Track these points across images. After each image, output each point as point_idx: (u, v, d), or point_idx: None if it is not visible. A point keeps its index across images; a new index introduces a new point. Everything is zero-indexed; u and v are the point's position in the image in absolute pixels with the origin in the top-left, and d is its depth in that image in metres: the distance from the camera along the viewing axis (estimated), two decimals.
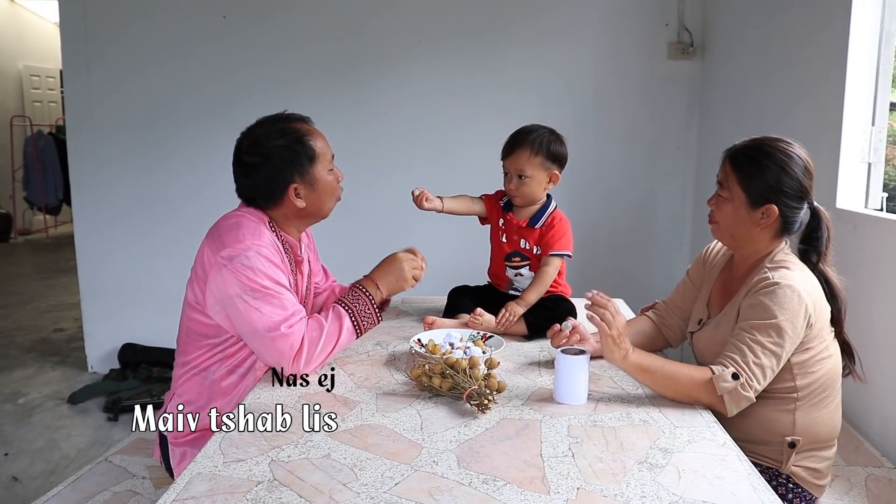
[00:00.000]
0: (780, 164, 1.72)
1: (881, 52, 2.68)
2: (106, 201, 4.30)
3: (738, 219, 1.77)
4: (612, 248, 4.28)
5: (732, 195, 1.77)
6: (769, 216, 1.75)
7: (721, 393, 1.62)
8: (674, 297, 2.11)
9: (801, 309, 1.64)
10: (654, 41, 4.20)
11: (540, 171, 2.21)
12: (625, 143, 4.31)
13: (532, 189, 2.23)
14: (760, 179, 1.73)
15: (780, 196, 1.73)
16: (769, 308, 1.64)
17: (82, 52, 4.16)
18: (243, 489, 1.25)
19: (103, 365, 4.41)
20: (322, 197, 1.94)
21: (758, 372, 1.63)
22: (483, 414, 1.57)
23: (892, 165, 2.85)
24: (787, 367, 1.70)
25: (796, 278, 1.67)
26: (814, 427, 1.75)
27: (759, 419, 1.72)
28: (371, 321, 1.92)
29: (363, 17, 4.21)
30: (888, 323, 2.45)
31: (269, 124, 1.91)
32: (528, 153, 2.20)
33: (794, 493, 1.77)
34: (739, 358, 1.64)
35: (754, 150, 1.76)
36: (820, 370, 1.74)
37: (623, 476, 1.30)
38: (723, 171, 1.80)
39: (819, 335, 1.72)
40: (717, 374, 1.63)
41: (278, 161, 1.86)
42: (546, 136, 2.22)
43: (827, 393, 1.76)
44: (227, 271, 1.76)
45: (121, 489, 2.01)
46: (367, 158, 4.25)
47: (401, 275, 1.97)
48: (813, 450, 1.77)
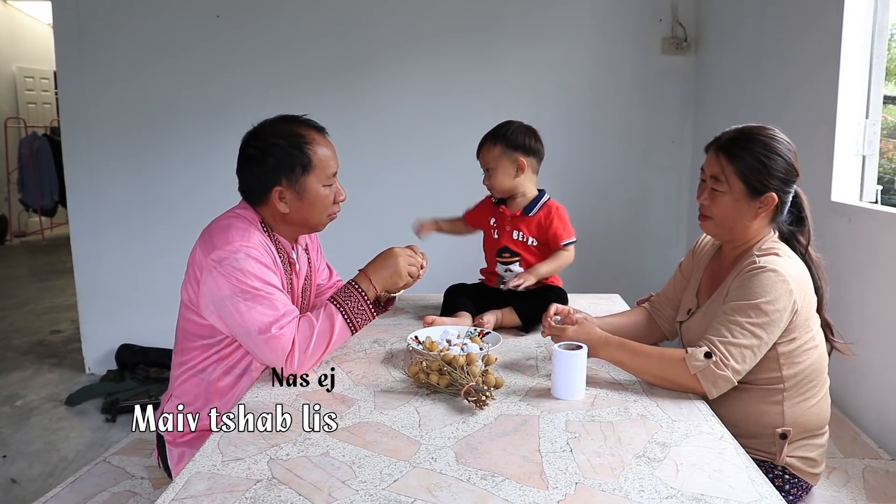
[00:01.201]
0: (774, 151, 1.73)
1: (874, 44, 2.69)
2: (101, 202, 4.29)
3: (738, 211, 1.77)
4: (607, 243, 4.28)
5: (731, 187, 1.75)
6: (768, 204, 1.75)
7: (694, 372, 1.63)
8: (666, 289, 2.13)
9: (786, 293, 1.65)
10: (648, 36, 4.20)
11: (503, 161, 2.27)
12: (620, 138, 4.31)
13: (500, 180, 2.29)
14: (758, 168, 1.73)
15: (776, 182, 1.74)
16: (752, 290, 1.65)
17: (76, 53, 4.15)
18: (242, 488, 1.25)
19: (101, 366, 4.41)
20: (308, 208, 1.91)
21: (734, 351, 1.64)
22: (481, 410, 1.57)
23: (886, 158, 2.86)
24: (773, 356, 1.71)
25: (783, 264, 1.68)
26: (803, 417, 1.76)
27: (748, 412, 1.73)
28: (365, 317, 1.88)
29: (357, 14, 4.21)
30: (883, 315, 2.46)
31: (280, 122, 1.91)
32: (488, 145, 2.29)
33: (790, 483, 1.78)
34: (715, 337, 1.66)
35: (746, 140, 1.75)
36: (806, 360, 1.74)
37: (621, 470, 1.30)
38: (717, 165, 1.77)
39: (805, 324, 1.72)
40: (689, 354, 1.65)
41: (270, 160, 1.86)
42: (504, 128, 2.29)
43: (814, 383, 1.77)
44: (218, 273, 1.76)
45: (119, 490, 2.01)
46: (361, 155, 4.25)
47: (395, 270, 1.91)
48: (804, 439, 1.78)
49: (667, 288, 2.13)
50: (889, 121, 2.87)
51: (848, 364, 2.60)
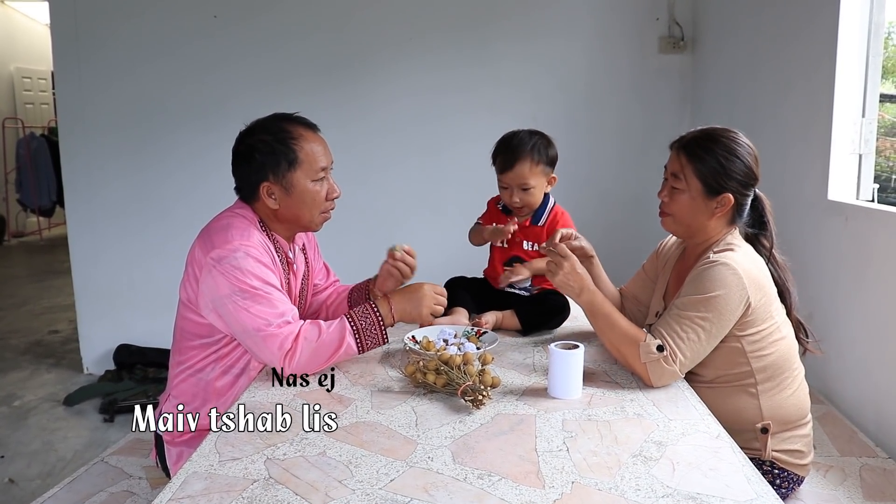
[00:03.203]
0: (734, 154, 1.77)
1: (871, 43, 2.69)
2: (99, 202, 4.29)
3: (694, 209, 1.81)
4: (605, 243, 4.22)
5: (689, 185, 1.80)
6: (725, 204, 1.79)
7: (644, 360, 1.68)
8: (629, 286, 2.19)
9: (737, 287, 1.68)
10: (644, 35, 4.21)
11: (541, 178, 2.23)
12: (617, 137, 4.32)
13: (536, 197, 2.25)
14: (717, 169, 1.77)
15: (734, 184, 1.78)
16: (702, 283, 1.69)
17: (73, 54, 4.15)
18: (239, 487, 1.25)
19: (98, 366, 4.40)
20: (297, 204, 1.90)
21: (683, 346, 1.68)
22: (478, 409, 1.57)
23: (883, 157, 2.87)
24: (739, 350, 1.74)
25: (736, 258, 1.71)
26: (781, 409, 1.78)
27: (726, 409, 1.74)
28: (375, 341, 1.86)
29: (354, 13, 4.20)
30: (879, 313, 2.46)
31: (271, 120, 1.92)
32: (530, 164, 2.20)
33: (780, 477, 1.79)
34: (665, 331, 1.70)
35: (707, 141, 1.79)
36: (775, 352, 1.77)
37: (618, 469, 1.31)
38: (678, 163, 1.83)
39: (766, 316, 1.74)
40: (645, 342, 1.69)
41: (257, 155, 1.86)
42: (541, 143, 2.22)
43: (785, 374, 1.79)
44: (217, 272, 1.76)
45: (117, 490, 2.01)
46: (358, 154, 4.24)
47: (419, 307, 1.90)
48: (787, 431, 1.80)
49: (630, 285, 2.19)
50: (885, 119, 2.87)
51: (844, 362, 2.61)
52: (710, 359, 1.75)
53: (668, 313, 1.73)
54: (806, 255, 2.81)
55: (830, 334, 2.64)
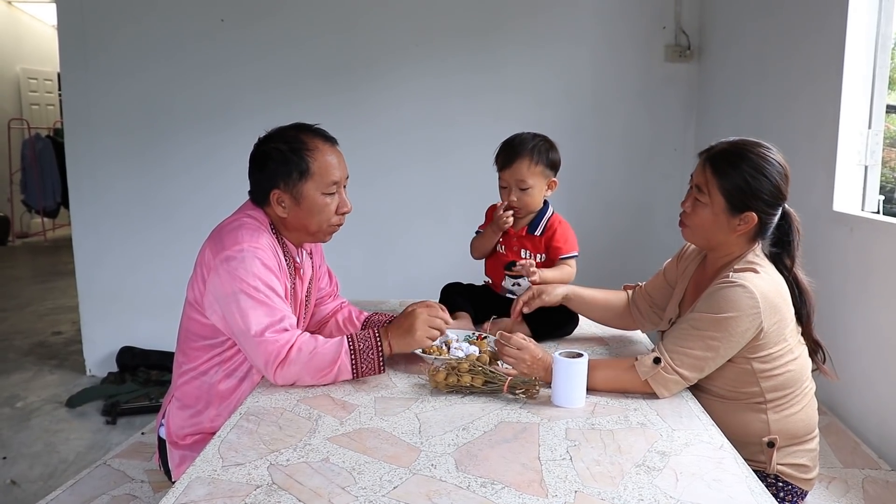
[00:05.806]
0: (762, 172, 1.71)
1: (877, 54, 2.69)
2: (104, 203, 4.30)
3: (716, 224, 1.76)
4: (610, 250, 4.28)
5: (712, 200, 1.75)
6: (748, 222, 1.74)
7: (644, 377, 1.68)
8: (648, 286, 2.15)
9: (751, 312, 1.64)
10: (651, 44, 4.21)
11: (540, 180, 2.22)
12: (622, 145, 4.32)
13: (534, 199, 2.23)
14: (742, 187, 1.71)
15: (759, 203, 1.72)
16: (717, 303, 1.66)
17: (80, 55, 4.16)
18: (242, 493, 1.25)
19: (101, 368, 4.41)
20: (306, 215, 1.90)
21: (685, 359, 1.67)
22: (532, 401, 1.63)
23: (888, 168, 2.86)
24: (749, 371, 1.72)
25: (756, 281, 1.66)
26: (788, 425, 1.76)
27: (733, 422, 1.72)
28: (371, 369, 1.79)
29: (360, 18, 4.21)
30: (884, 325, 2.46)
31: (290, 129, 1.93)
32: (528, 163, 2.19)
33: (784, 491, 1.78)
34: (670, 343, 1.69)
35: (735, 157, 1.73)
36: (785, 373, 1.74)
37: (621, 479, 1.30)
38: (703, 175, 1.76)
39: (778, 339, 1.71)
40: (638, 361, 1.69)
41: (270, 163, 1.87)
42: (543, 145, 2.22)
43: (795, 392, 1.77)
44: (224, 271, 1.77)
45: (119, 493, 2.01)
46: (362, 159, 4.22)
47: (412, 336, 1.82)
48: (793, 445, 1.78)
49: (649, 285, 2.15)
50: (892, 130, 2.87)
51: (849, 374, 2.60)
52: (718, 375, 1.73)
53: (679, 326, 1.71)
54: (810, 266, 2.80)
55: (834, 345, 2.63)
